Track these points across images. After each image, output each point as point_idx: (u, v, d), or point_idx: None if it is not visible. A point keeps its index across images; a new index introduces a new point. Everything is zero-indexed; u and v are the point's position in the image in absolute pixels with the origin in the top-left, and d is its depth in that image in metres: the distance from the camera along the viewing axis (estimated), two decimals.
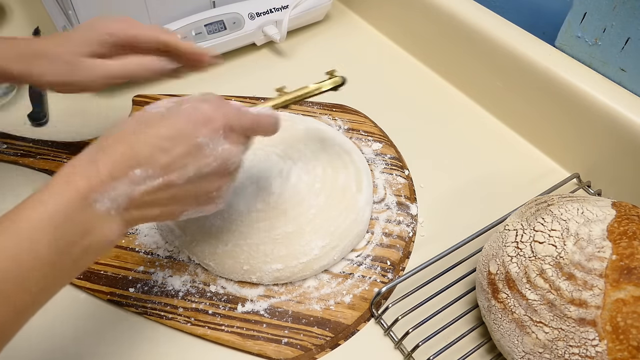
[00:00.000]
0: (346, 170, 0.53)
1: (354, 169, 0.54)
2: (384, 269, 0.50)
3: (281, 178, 0.51)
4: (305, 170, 0.51)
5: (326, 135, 0.57)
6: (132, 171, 0.34)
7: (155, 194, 0.35)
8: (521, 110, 0.63)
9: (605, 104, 0.54)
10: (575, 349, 0.36)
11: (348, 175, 0.53)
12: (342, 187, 0.51)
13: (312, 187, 0.50)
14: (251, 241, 0.47)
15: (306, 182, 0.50)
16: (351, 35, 0.79)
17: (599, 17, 0.55)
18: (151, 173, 0.34)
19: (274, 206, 0.49)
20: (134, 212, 0.35)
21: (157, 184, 0.35)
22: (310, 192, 0.50)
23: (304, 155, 0.53)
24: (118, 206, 0.34)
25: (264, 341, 0.45)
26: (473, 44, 0.65)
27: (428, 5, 0.69)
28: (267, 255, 0.47)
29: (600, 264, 0.37)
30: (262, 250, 0.47)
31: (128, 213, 0.34)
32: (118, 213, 0.34)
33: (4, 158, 0.57)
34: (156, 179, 0.34)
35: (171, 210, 0.37)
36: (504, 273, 0.41)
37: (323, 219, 0.49)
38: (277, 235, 0.47)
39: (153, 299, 0.47)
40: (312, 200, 0.49)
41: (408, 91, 0.70)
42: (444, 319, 0.45)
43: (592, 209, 0.41)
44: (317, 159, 0.53)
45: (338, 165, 0.53)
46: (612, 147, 0.55)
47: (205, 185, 0.37)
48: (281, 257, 0.47)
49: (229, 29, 0.69)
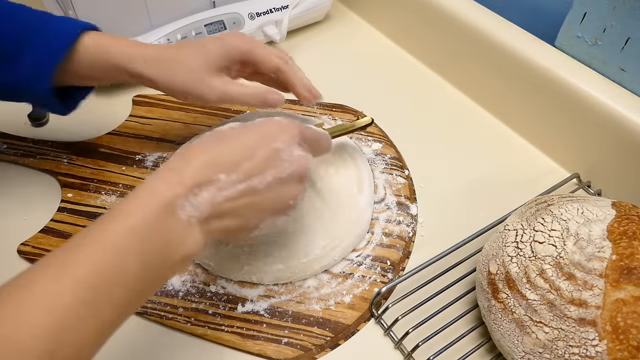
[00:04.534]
0: (347, 170, 0.53)
1: (356, 169, 0.54)
2: (384, 269, 0.50)
3: None
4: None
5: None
6: (216, 176, 0.34)
7: (237, 201, 0.35)
8: (521, 110, 0.63)
9: (605, 104, 0.54)
10: (575, 349, 0.36)
11: (349, 176, 0.53)
12: (343, 187, 0.51)
13: (313, 187, 0.50)
14: (252, 241, 0.47)
15: (307, 182, 0.50)
16: (351, 35, 0.79)
17: (599, 17, 0.55)
18: (234, 178, 0.35)
19: None
20: (213, 223, 0.34)
21: (240, 189, 0.35)
22: (312, 192, 0.50)
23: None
24: (200, 214, 0.33)
25: (264, 341, 0.45)
26: (473, 44, 0.65)
27: (428, 5, 0.69)
28: (268, 256, 0.47)
29: (600, 264, 0.37)
30: (263, 251, 0.47)
31: (208, 224, 0.34)
32: (199, 222, 0.33)
33: (4, 158, 0.57)
34: (239, 184, 0.35)
35: (249, 221, 0.37)
36: (504, 273, 0.41)
37: (324, 219, 0.49)
38: (278, 236, 0.47)
39: (153, 299, 0.47)
40: (314, 200, 0.49)
41: (408, 91, 0.70)
42: (444, 319, 0.45)
43: (592, 209, 0.41)
44: (317, 159, 0.53)
45: (339, 166, 0.53)
46: (612, 147, 0.55)
47: (284, 191, 0.38)
48: (282, 257, 0.47)
49: (229, 29, 0.69)
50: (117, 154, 0.58)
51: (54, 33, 0.44)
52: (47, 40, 0.44)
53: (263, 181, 0.36)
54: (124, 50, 0.46)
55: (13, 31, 0.44)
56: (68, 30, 0.45)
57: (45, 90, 0.45)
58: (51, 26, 0.45)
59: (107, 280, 0.29)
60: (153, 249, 0.31)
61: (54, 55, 0.44)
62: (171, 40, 0.66)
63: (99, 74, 0.48)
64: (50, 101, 0.47)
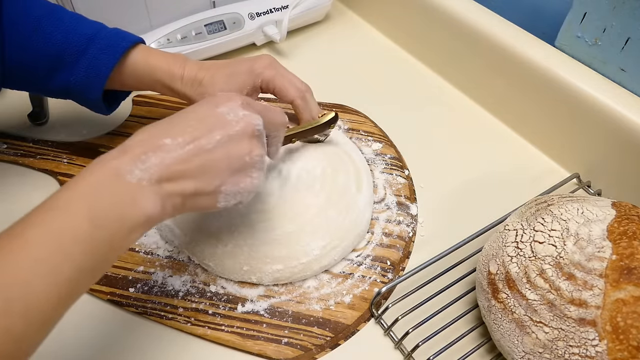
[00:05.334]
0: (346, 170, 0.53)
1: (354, 169, 0.54)
2: (384, 269, 0.50)
3: (280, 178, 0.50)
4: (305, 171, 0.51)
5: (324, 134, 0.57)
6: (162, 141, 0.35)
7: (188, 162, 0.35)
8: (521, 110, 0.63)
9: (605, 104, 0.54)
10: (575, 349, 0.36)
11: (348, 176, 0.53)
12: (342, 187, 0.51)
13: (312, 188, 0.50)
14: (251, 241, 0.47)
15: (306, 183, 0.50)
16: (351, 35, 0.79)
17: (599, 17, 0.55)
18: (181, 140, 0.35)
19: (274, 206, 0.49)
20: (168, 185, 0.35)
21: (188, 150, 0.35)
22: (310, 193, 0.50)
23: (302, 156, 0.53)
24: (150, 177, 0.34)
25: (264, 341, 0.45)
26: (473, 44, 0.65)
27: (428, 5, 0.69)
28: (267, 256, 0.47)
29: (600, 264, 0.37)
30: (262, 251, 0.47)
31: (161, 186, 0.34)
32: (150, 184, 0.34)
33: (4, 158, 0.57)
34: (187, 146, 0.35)
35: (207, 183, 0.36)
36: (504, 273, 0.41)
37: (323, 219, 0.49)
38: (277, 236, 0.47)
39: (153, 298, 0.47)
40: (312, 201, 0.49)
41: (408, 91, 0.70)
42: (444, 319, 0.45)
43: (592, 209, 0.41)
44: (316, 160, 0.53)
45: (337, 166, 0.53)
46: (612, 147, 0.55)
47: (235, 147, 0.37)
48: (281, 257, 0.47)
49: (229, 29, 0.69)
50: None
51: (105, 46, 0.49)
52: (99, 53, 0.49)
53: (211, 140, 0.36)
54: (165, 68, 0.51)
55: (74, 41, 0.48)
56: (117, 43, 0.49)
57: (95, 96, 0.50)
58: (104, 38, 0.49)
59: (59, 238, 0.30)
60: (103, 212, 0.32)
61: (103, 67, 0.49)
62: (171, 40, 0.66)
63: (143, 86, 0.52)
64: (99, 105, 0.52)
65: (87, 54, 0.48)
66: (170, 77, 0.51)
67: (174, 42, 0.66)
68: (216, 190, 0.37)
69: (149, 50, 0.52)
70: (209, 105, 0.38)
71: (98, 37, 0.49)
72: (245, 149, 0.38)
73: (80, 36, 0.48)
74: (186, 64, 0.51)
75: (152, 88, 0.52)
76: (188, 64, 0.51)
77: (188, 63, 0.51)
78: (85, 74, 0.49)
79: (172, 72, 0.51)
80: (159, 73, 0.51)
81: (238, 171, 0.38)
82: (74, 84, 0.49)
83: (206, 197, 0.37)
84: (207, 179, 0.37)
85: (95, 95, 0.50)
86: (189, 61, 0.52)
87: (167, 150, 0.35)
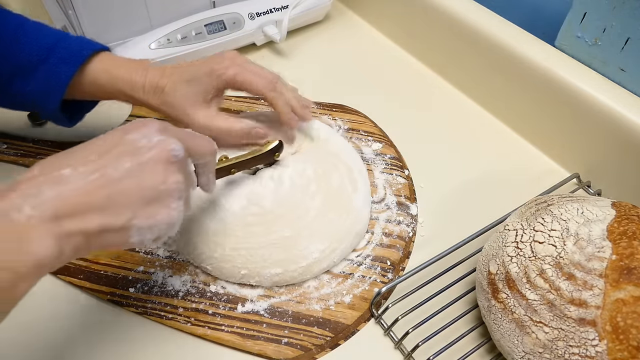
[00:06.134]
0: (338, 170, 0.52)
1: (345, 168, 0.52)
2: (384, 269, 0.50)
3: (273, 182, 0.49)
4: (296, 173, 0.50)
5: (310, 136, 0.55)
6: (60, 172, 0.30)
7: (90, 195, 0.31)
8: (521, 110, 0.63)
9: (605, 104, 0.54)
10: (575, 349, 0.36)
11: (341, 176, 0.52)
12: (337, 187, 0.51)
13: (307, 190, 0.49)
14: (248, 245, 0.47)
15: (300, 185, 0.49)
16: (351, 35, 0.79)
17: (598, 17, 0.55)
18: (82, 171, 0.31)
19: (269, 210, 0.48)
20: (66, 223, 0.30)
21: (92, 180, 0.31)
22: (306, 195, 0.49)
23: (289, 161, 0.51)
24: (43, 213, 0.29)
25: (264, 341, 0.45)
26: (473, 44, 0.65)
27: (428, 5, 0.69)
28: (266, 260, 0.46)
29: (600, 264, 0.37)
30: (260, 255, 0.46)
31: (58, 224, 0.29)
32: (43, 222, 0.29)
33: (4, 158, 0.57)
34: (90, 175, 0.31)
35: (114, 217, 0.32)
36: (504, 273, 0.41)
37: (321, 222, 0.48)
38: (275, 240, 0.47)
39: (153, 299, 0.47)
40: (309, 203, 0.48)
41: (408, 91, 0.70)
42: (444, 319, 0.45)
43: (592, 209, 0.41)
44: (303, 162, 0.51)
45: (330, 167, 0.52)
46: (612, 147, 0.55)
47: (148, 176, 0.33)
48: (280, 261, 0.47)
49: (229, 29, 0.69)
50: None
51: (65, 55, 0.47)
52: (59, 62, 0.47)
53: (119, 168, 0.32)
54: (126, 77, 0.49)
55: (33, 49, 0.47)
56: (78, 52, 0.47)
57: (53, 106, 0.48)
58: (65, 47, 0.47)
59: None
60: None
61: (62, 77, 0.47)
62: (171, 40, 0.66)
63: (105, 95, 0.51)
64: (57, 115, 0.50)
65: (47, 63, 0.47)
66: (131, 86, 0.49)
67: (174, 42, 0.66)
68: (126, 225, 0.32)
69: (111, 59, 0.50)
70: (118, 133, 0.34)
71: (58, 46, 0.47)
72: (159, 177, 0.34)
73: (40, 45, 0.47)
74: (148, 72, 0.49)
75: (116, 98, 0.51)
76: (150, 72, 0.49)
77: (150, 70, 0.49)
78: (44, 83, 0.47)
79: (134, 81, 0.49)
80: (120, 82, 0.49)
81: (152, 202, 0.33)
82: (32, 94, 0.47)
83: (115, 234, 0.32)
84: (115, 212, 0.32)
85: (53, 106, 0.48)
86: (151, 68, 0.50)
87: (65, 181, 0.30)
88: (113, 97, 0.51)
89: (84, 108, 0.54)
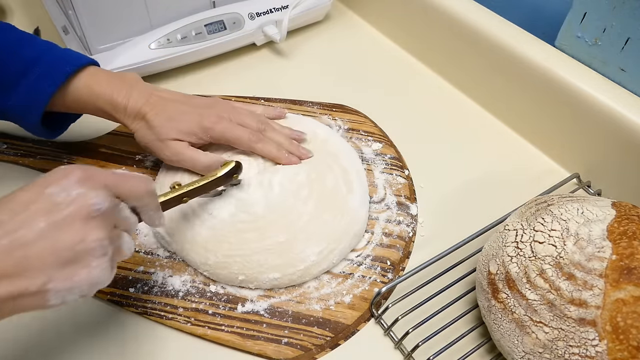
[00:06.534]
0: (332, 172, 0.52)
1: (340, 170, 0.52)
2: (384, 269, 0.50)
3: (262, 188, 0.49)
4: (287, 179, 0.50)
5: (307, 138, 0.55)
6: None
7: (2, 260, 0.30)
8: (521, 110, 0.63)
9: (605, 104, 0.54)
10: (575, 349, 0.36)
11: (335, 178, 0.51)
12: (331, 190, 0.50)
13: (298, 195, 0.49)
14: (242, 252, 0.46)
15: (291, 190, 0.49)
16: (351, 35, 0.79)
17: (599, 17, 0.55)
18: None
19: (261, 216, 0.47)
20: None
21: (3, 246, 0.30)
22: (298, 200, 0.49)
23: (280, 166, 0.51)
24: None
25: (264, 341, 0.45)
26: (473, 44, 0.65)
27: (428, 5, 0.69)
28: (262, 265, 0.46)
29: (600, 264, 0.37)
30: (256, 261, 0.46)
31: None
32: None
33: (4, 158, 0.57)
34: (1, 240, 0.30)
35: (28, 282, 0.30)
36: (504, 273, 0.41)
37: (316, 225, 0.48)
38: (269, 245, 0.47)
39: (153, 299, 0.47)
40: (301, 208, 0.48)
41: (408, 91, 0.70)
42: (444, 319, 0.45)
43: (592, 209, 0.41)
44: (296, 167, 0.51)
45: (323, 169, 0.52)
46: (612, 147, 0.55)
47: (65, 236, 0.31)
48: (277, 266, 0.46)
49: (229, 29, 0.69)
50: (117, 154, 0.58)
51: (47, 71, 0.46)
52: (39, 78, 0.46)
53: (33, 228, 0.30)
54: (107, 97, 0.48)
55: (15, 63, 0.46)
56: (61, 69, 0.47)
57: (34, 120, 0.48)
58: (47, 63, 0.47)
59: None
60: None
61: (42, 94, 0.46)
62: (171, 40, 0.66)
63: (88, 111, 0.51)
64: (39, 129, 0.49)
65: (27, 78, 0.46)
66: (112, 107, 0.48)
67: (174, 42, 0.66)
68: (42, 289, 0.31)
69: (95, 75, 0.49)
70: (37, 187, 0.32)
71: (41, 61, 0.46)
72: (76, 236, 0.32)
73: (21, 59, 0.46)
74: (132, 94, 0.48)
75: (98, 115, 0.50)
76: (134, 94, 0.48)
77: (134, 92, 0.48)
78: (25, 98, 0.46)
79: (115, 102, 0.48)
80: (101, 101, 0.48)
81: (70, 263, 0.32)
82: (13, 109, 0.47)
83: (31, 298, 0.31)
84: (28, 277, 0.30)
85: (33, 121, 0.47)
86: (136, 90, 0.49)
87: None
88: (96, 114, 0.51)
89: (68, 119, 0.53)
